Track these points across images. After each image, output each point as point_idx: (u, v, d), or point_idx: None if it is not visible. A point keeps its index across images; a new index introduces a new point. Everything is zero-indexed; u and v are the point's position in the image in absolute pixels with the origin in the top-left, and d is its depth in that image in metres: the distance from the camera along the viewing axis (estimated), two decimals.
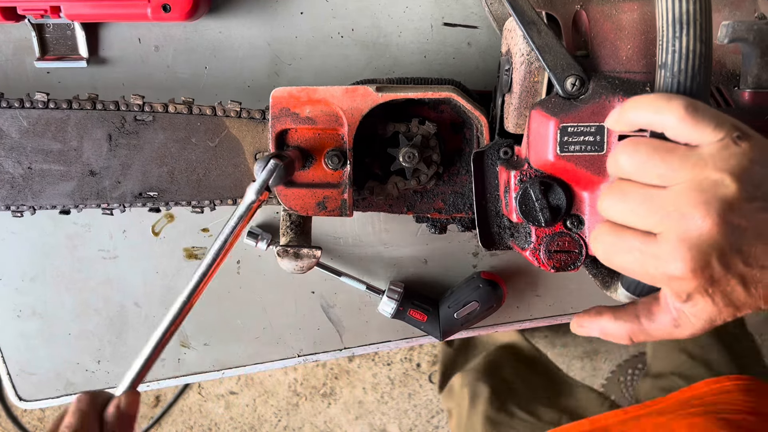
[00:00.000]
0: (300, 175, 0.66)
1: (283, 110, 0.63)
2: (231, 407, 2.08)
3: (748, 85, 0.53)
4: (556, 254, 0.58)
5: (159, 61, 0.75)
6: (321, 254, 0.67)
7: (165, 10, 0.67)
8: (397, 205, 0.71)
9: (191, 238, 0.81)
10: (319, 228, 0.80)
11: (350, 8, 0.73)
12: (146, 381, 0.88)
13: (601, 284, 0.60)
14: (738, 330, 1.20)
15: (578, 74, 0.53)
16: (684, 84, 0.44)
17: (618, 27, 0.56)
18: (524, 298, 0.84)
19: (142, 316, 0.84)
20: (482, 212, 0.64)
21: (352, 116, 0.62)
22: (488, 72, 0.75)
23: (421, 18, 0.73)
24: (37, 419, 2.07)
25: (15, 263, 0.82)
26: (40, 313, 0.84)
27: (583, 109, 0.53)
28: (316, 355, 0.86)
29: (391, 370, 2.05)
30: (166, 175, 0.67)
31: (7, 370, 0.87)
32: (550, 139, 0.54)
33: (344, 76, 0.75)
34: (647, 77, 0.54)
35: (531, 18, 0.54)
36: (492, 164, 0.63)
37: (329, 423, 2.08)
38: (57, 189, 0.67)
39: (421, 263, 0.82)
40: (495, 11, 0.67)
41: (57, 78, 0.75)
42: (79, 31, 0.72)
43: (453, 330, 0.80)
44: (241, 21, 0.74)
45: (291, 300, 0.84)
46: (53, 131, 0.66)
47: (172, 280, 0.83)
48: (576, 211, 0.58)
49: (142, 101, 0.66)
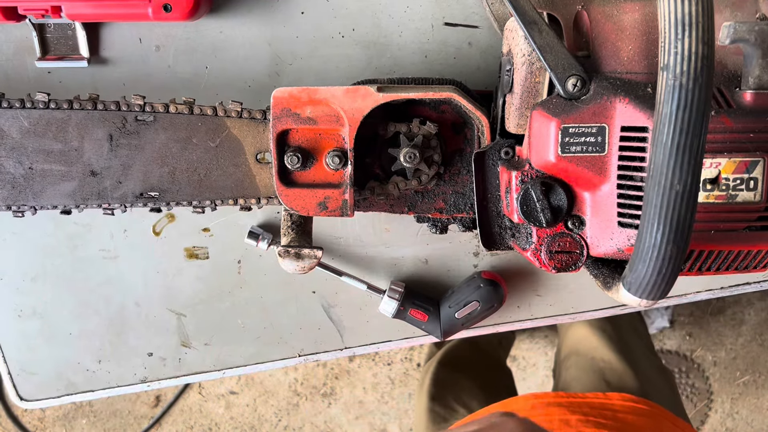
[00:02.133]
0: (301, 175, 0.66)
1: (284, 110, 0.63)
2: (231, 407, 2.08)
3: (750, 86, 0.53)
4: (557, 255, 0.58)
5: (160, 61, 0.75)
6: (322, 254, 0.67)
7: (166, 9, 0.67)
8: (398, 205, 0.71)
9: (192, 238, 0.81)
10: (320, 228, 0.80)
11: (351, 8, 0.73)
12: (146, 381, 0.88)
13: (602, 285, 0.60)
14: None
15: (579, 75, 0.53)
16: (686, 86, 0.44)
17: (619, 28, 0.56)
18: (525, 297, 0.84)
19: (143, 316, 0.84)
20: (483, 212, 0.64)
21: (353, 116, 0.62)
22: (489, 72, 0.75)
23: (421, 18, 0.73)
24: (38, 419, 2.07)
25: (16, 263, 0.82)
26: (40, 312, 0.84)
27: (585, 110, 0.53)
28: (316, 354, 0.86)
29: (391, 369, 2.05)
30: (167, 176, 0.67)
31: (8, 369, 0.87)
32: (551, 139, 0.54)
33: (345, 76, 0.75)
34: (649, 78, 0.54)
35: (532, 18, 0.54)
36: (493, 164, 0.63)
37: (329, 423, 2.08)
38: (58, 189, 0.67)
39: (422, 263, 0.82)
40: (496, 11, 0.67)
41: (58, 78, 0.75)
42: (80, 31, 0.72)
43: (454, 330, 0.80)
44: (242, 21, 0.74)
45: (292, 300, 0.84)
46: (54, 131, 0.66)
47: (173, 280, 0.83)
48: (577, 211, 0.58)
49: (143, 101, 0.66)
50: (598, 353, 1.14)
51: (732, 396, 2.04)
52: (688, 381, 2.02)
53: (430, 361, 1.33)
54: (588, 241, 0.58)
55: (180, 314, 0.85)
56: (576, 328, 1.29)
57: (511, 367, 1.59)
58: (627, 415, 0.87)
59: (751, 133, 0.52)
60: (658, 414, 0.90)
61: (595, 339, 1.19)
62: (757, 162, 0.53)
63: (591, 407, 0.87)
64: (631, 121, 0.53)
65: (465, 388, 1.22)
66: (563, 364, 1.24)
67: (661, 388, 1.07)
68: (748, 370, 2.02)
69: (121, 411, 2.08)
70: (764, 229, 0.55)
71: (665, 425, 0.89)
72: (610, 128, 0.53)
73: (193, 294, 0.84)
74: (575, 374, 1.14)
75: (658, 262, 0.47)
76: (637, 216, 0.53)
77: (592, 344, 1.18)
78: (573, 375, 1.14)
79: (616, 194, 0.55)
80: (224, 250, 0.81)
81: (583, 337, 1.23)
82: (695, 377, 2.02)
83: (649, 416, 0.88)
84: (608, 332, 1.20)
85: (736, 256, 0.56)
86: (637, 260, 0.48)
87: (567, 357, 1.24)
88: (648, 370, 1.10)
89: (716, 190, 0.53)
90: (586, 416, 0.84)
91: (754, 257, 0.57)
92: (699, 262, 0.56)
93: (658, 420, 0.89)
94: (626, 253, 0.56)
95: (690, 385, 2.02)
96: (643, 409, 0.89)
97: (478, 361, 1.38)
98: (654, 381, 1.06)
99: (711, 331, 2.01)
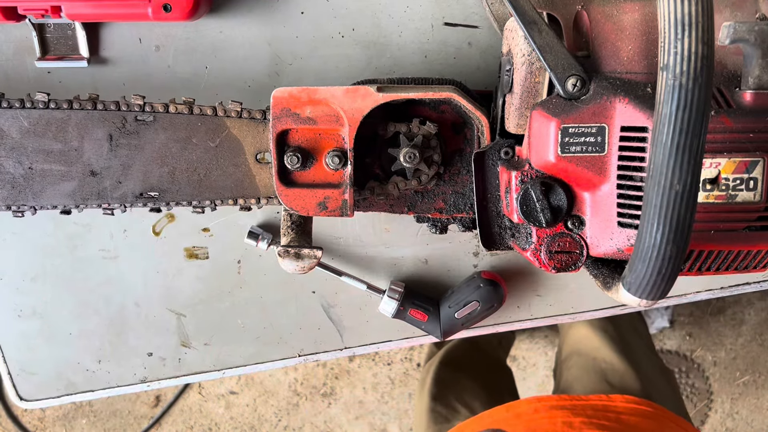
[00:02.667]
0: (301, 175, 0.66)
1: (283, 110, 0.63)
2: (231, 407, 2.08)
3: (749, 86, 0.53)
4: (557, 255, 0.58)
5: (160, 61, 0.75)
6: (322, 254, 0.67)
7: (166, 9, 0.67)
8: (397, 205, 0.71)
9: (192, 238, 0.81)
10: (319, 228, 0.80)
11: (351, 8, 0.73)
12: (146, 381, 0.88)
13: (602, 285, 0.60)
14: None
15: (579, 75, 0.53)
16: (686, 86, 0.44)
17: (619, 28, 0.56)
18: (525, 297, 0.84)
19: (142, 316, 0.84)
20: (483, 212, 0.65)
21: (352, 116, 0.62)
22: (489, 72, 0.75)
23: (421, 18, 0.73)
24: (38, 419, 2.07)
25: (16, 263, 0.82)
26: (40, 312, 0.84)
27: (584, 110, 0.53)
28: (316, 354, 0.86)
29: (391, 369, 2.05)
30: (167, 176, 0.67)
31: (8, 369, 0.87)
32: (551, 139, 0.54)
33: (345, 76, 0.75)
34: (648, 78, 0.54)
35: (532, 18, 0.54)
36: (493, 164, 0.63)
37: (329, 423, 2.08)
38: (58, 189, 0.67)
39: (422, 263, 0.82)
40: (496, 11, 0.67)
41: (58, 78, 0.75)
42: (80, 30, 0.72)
43: (454, 330, 0.80)
44: (241, 21, 0.74)
45: (292, 300, 0.84)
46: (54, 131, 0.66)
47: (173, 280, 0.83)
48: (577, 211, 0.58)
49: (142, 101, 0.66)
50: (599, 354, 1.14)
51: (732, 396, 2.04)
52: (688, 381, 2.02)
53: (430, 361, 1.33)
54: (588, 241, 0.58)
55: (180, 314, 0.85)
56: (577, 328, 1.29)
57: (511, 367, 1.59)
58: (630, 417, 0.87)
59: (751, 133, 0.52)
60: (661, 415, 0.90)
61: (596, 339, 1.18)
62: (757, 162, 0.53)
63: (594, 409, 0.87)
64: (631, 121, 0.53)
65: (467, 388, 1.22)
66: (564, 364, 1.24)
67: (663, 388, 1.07)
68: (748, 370, 2.02)
69: (121, 411, 2.08)
70: (764, 229, 0.55)
71: (668, 426, 0.89)
72: (609, 128, 0.53)
73: (192, 294, 0.84)
74: (577, 375, 1.14)
75: (657, 262, 0.47)
76: (637, 216, 0.53)
77: (593, 344, 1.18)
78: (575, 375, 1.14)
79: (615, 194, 0.55)
80: (224, 250, 0.81)
81: (585, 337, 1.23)
82: (695, 377, 2.02)
83: (652, 418, 0.88)
84: (610, 332, 1.20)
85: (735, 256, 0.56)
86: (636, 260, 0.48)
87: (568, 357, 1.24)
88: (650, 370, 1.10)
89: (716, 190, 0.53)
90: (589, 419, 0.84)
91: (753, 257, 0.57)
92: (699, 262, 0.56)
93: (662, 421, 0.89)
94: (626, 253, 0.56)
95: (690, 385, 2.02)
96: (646, 411, 0.89)
97: (479, 360, 1.38)
98: (656, 382, 1.06)
99: (711, 331, 2.01)
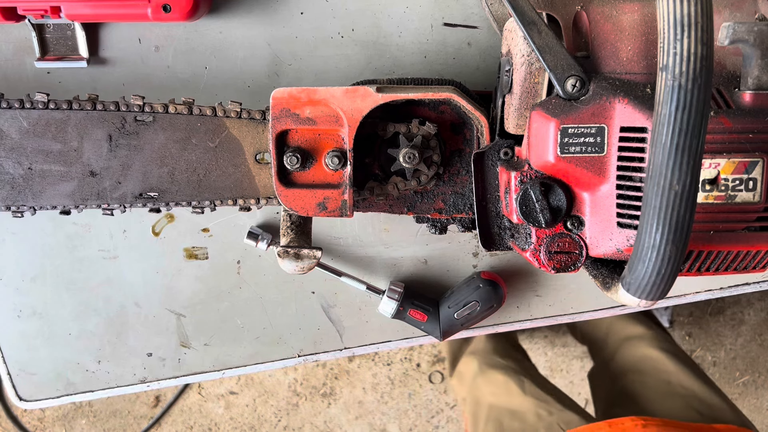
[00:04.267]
0: (300, 175, 0.66)
1: (283, 111, 0.63)
2: (231, 407, 2.08)
3: (749, 87, 0.53)
4: (556, 255, 0.58)
5: (159, 62, 0.75)
6: (321, 255, 0.67)
7: (165, 10, 0.67)
8: (397, 205, 0.71)
9: (191, 239, 0.81)
10: (319, 228, 0.80)
11: (350, 8, 0.73)
12: (146, 381, 0.88)
13: (601, 285, 0.60)
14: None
15: (579, 75, 0.53)
16: (685, 86, 0.44)
17: (618, 28, 0.56)
18: (524, 298, 0.84)
19: (142, 316, 0.84)
20: (482, 213, 0.64)
21: (352, 117, 0.62)
22: (488, 72, 0.75)
23: (421, 18, 0.73)
24: (37, 419, 2.07)
25: (15, 263, 0.82)
26: (40, 313, 0.84)
27: (584, 111, 0.53)
28: (316, 355, 0.86)
29: (391, 370, 2.05)
30: (167, 176, 0.67)
31: (8, 370, 0.87)
32: (550, 140, 0.54)
33: (344, 76, 0.75)
34: (648, 78, 0.54)
35: (531, 18, 0.54)
36: (492, 165, 0.63)
37: (329, 423, 2.08)
38: (57, 189, 0.67)
39: (422, 263, 0.82)
40: (495, 12, 0.67)
41: (57, 78, 0.75)
42: (80, 31, 0.72)
43: (453, 330, 0.80)
44: (241, 21, 0.74)
45: (291, 300, 0.84)
46: (53, 132, 0.66)
47: (172, 280, 0.83)
48: (576, 212, 0.58)
49: (142, 101, 0.66)
50: (674, 378, 1.12)
51: (732, 396, 2.03)
52: None
53: (465, 359, 1.36)
54: (587, 242, 0.58)
55: (179, 314, 0.85)
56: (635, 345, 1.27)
57: None
58: None
59: (750, 134, 0.52)
60: None
61: (668, 363, 1.16)
62: (756, 162, 0.53)
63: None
64: (631, 122, 0.53)
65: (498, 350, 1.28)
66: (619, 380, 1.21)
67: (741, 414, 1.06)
68: (748, 370, 2.03)
69: (120, 411, 2.08)
70: (763, 230, 0.55)
71: None
72: (609, 129, 0.53)
73: (192, 294, 0.84)
74: (651, 397, 1.11)
75: (657, 262, 0.47)
76: (637, 216, 0.53)
77: (665, 368, 1.16)
78: (648, 397, 1.12)
79: (615, 195, 0.55)
80: (223, 251, 0.82)
81: (648, 358, 1.20)
82: None
83: None
84: (680, 356, 1.18)
85: (735, 256, 0.56)
86: (636, 260, 0.48)
87: (623, 374, 1.22)
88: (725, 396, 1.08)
89: (715, 190, 0.53)
90: None
91: (753, 257, 0.57)
92: (698, 263, 0.56)
93: None
94: (625, 253, 0.56)
95: None
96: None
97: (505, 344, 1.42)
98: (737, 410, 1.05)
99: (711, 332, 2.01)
